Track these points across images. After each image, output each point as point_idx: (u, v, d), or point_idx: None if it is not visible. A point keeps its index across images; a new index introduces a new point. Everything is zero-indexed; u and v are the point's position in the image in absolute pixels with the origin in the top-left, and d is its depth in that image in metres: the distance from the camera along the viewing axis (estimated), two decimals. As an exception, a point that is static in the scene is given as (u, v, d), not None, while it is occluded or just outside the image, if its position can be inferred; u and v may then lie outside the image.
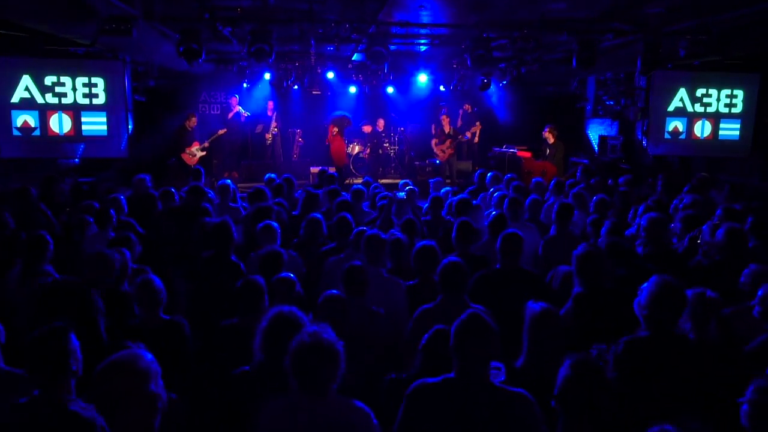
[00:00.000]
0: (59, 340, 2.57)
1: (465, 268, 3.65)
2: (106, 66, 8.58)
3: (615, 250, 4.35)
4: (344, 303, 3.53)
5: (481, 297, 3.84)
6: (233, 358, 3.32)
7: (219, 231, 4.59)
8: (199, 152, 11.14)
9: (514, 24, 7.07)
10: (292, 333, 2.77)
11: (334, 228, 5.44)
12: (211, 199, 6.75)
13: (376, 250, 4.30)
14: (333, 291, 3.64)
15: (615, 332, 3.40)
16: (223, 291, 4.39)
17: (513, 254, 4.27)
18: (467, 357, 2.54)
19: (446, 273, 3.62)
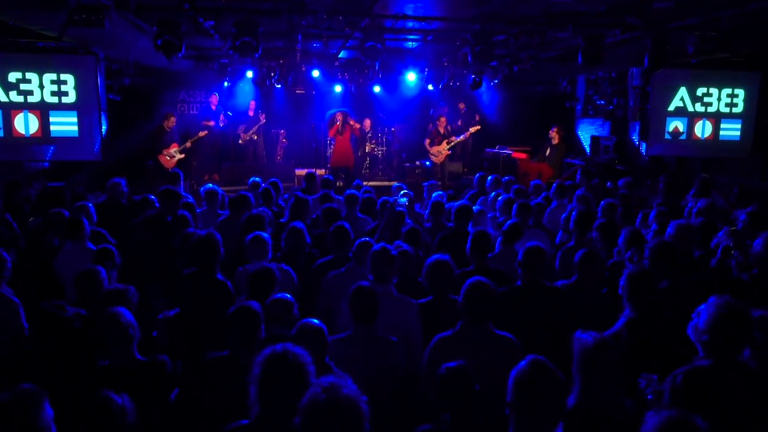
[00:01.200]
0: (28, 413, 1.99)
1: (494, 293, 3.18)
2: (77, 61, 7.93)
3: (665, 256, 3.88)
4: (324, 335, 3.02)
5: (504, 320, 3.38)
6: (224, 402, 2.81)
7: (204, 245, 4.06)
8: (178, 154, 10.51)
9: (517, 19, 6.64)
10: (294, 379, 2.35)
11: (332, 239, 4.94)
12: (191, 205, 6.18)
13: (386, 266, 3.81)
14: (312, 320, 3.10)
15: (665, 359, 2.99)
16: (208, 315, 3.87)
17: (537, 269, 3.81)
18: (535, 415, 2.06)
19: (472, 298, 3.14)
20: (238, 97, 13.45)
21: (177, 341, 3.87)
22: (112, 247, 4.35)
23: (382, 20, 6.57)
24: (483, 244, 4.46)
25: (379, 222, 5.86)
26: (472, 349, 3.00)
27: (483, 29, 6.59)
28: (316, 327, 2.98)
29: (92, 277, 3.70)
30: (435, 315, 3.81)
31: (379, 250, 3.83)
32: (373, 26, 6.40)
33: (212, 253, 4.06)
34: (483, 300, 3.11)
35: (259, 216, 5.58)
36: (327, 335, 2.99)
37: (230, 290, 4.04)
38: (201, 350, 3.39)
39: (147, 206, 6.43)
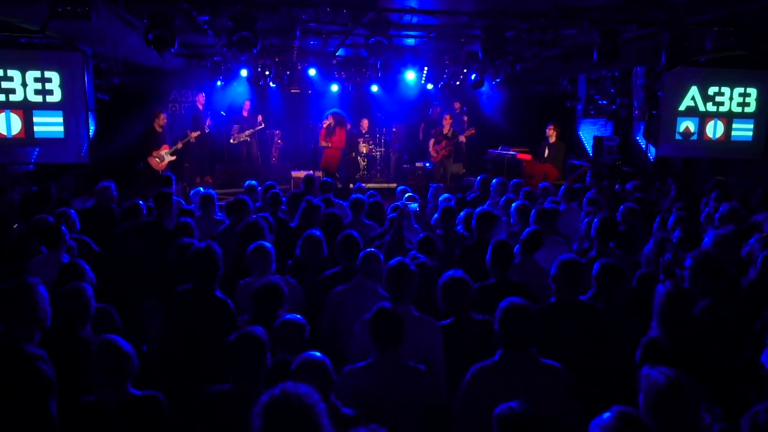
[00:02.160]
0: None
1: (533, 315, 2.80)
2: (62, 58, 7.48)
3: (709, 271, 3.51)
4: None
5: (543, 343, 3.01)
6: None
7: (202, 260, 3.65)
8: (169, 156, 10.05)
9: (530, 13, 6.28)
10: (303, 426, 2.01)
11: (340, 249, 4.54)
12: (191, 212, 5.76)
13: (405, 284, 3.42)
14: (313, 354, 2.72)
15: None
16: (206, 339, 3.47)
17: (575, 284, 3.44)
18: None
19: (510, 323, 2.76)
20: (232, 96, 13.01)
21: (172, 370, 3.47)
22: (82, 262, 3.91)
23: (388, 14, 6.19)
24: (505, 255, 4.09)
25: (387, 229, 5.47)
26: (516, 381, 2.63)
27: (495, 24, 6.22)
28: (317, 361, 2.60)
29: (76, 296, 3.28)
30: (457, 338, 3.44)
31: (396, 265, 3.44)
32: (378, 20, 6.01)
33: (211, 269, 3.66)
34: (525, 324, 2.74)
35: (257, 223, 5.17)
36: (331, 370, 2.61)
37: (231, 310, 3.64)
38: (199, 381, 3.00)
39: (136, 212, 6.00)
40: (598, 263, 3.69)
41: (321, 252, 4.88)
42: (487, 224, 5.20)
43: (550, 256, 5.24)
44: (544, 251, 5.03)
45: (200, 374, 3.27)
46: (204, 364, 3.36)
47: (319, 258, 4.88)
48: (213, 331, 3.46)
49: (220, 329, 3.42)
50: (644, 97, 12.82)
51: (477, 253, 5.13)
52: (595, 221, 5.07)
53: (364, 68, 13.04)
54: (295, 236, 5.57)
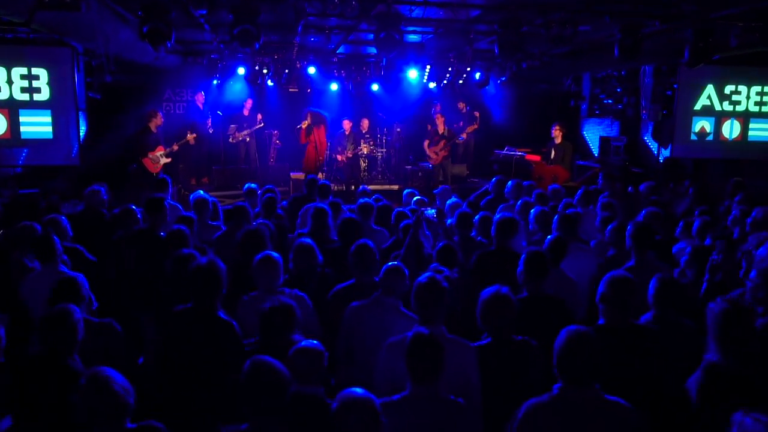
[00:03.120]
0: None
1: (601, 348, 2.41)
2: (51, 54, 7.07)
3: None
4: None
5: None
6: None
7: (204, 276, 3.25)
8: (164, 158, 9.62)
9: (549, 6, 5.92)
10: None
11: (354, 260, 4.15)
12: (189, 219, 5.35)
13: (437, 303, 3.05)
14: (355, 391, 2.34)
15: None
16: (208, 365, 3.09)
17: (628, 306, 3.06)
18: None
19: (574, 355, 2.36)
20: (228, 95, 12.58)
21: (171, 402, 3.07)
22: (80, 276, 3.51)
23: (399, 7, 5.80)
24: (540, 267, 3.71)
25: (399, 237, 5.09)
26: (577, 421, 2.26)
27: (512, 18, 5.86)
28: (365, 403, 2.22)
29: (61, 321, 2.88)
30: (495, 361, 3.07)
31: (427, 282, 3.06)
32: (389, 13, 5.63)
33: (214, 287, 3.26)
34: (591, 357, 2.36)
35: (259, 231, 4.77)
36: (380, 411, 2.22)
37: (237, 333, 3.24)
38: (204, 416, 2.61)
39: (129, 218, 5.59)
40: (655, 280, 3.32)
41: (315, 261, 4.49)
42: (509, 231, 4.82)
43: (574, 264, 4.89)
44: (568, 260, 4.68)
45: (204, 408, 2.88)
46: (208, 397, 2.97)
47: (314, 268, 4.49)
48: (217, 357, 3.07)
49: (225, 355, 3.04)
50: (652, 96, 12.56)
51: (496, 262, 4.79)
52: (628, 228, 4.70)
53: (364, 66, 12.67)
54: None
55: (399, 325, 3.57)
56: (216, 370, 3.08)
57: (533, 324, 3.38)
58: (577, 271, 4.83)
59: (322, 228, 5.51)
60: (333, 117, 13.28)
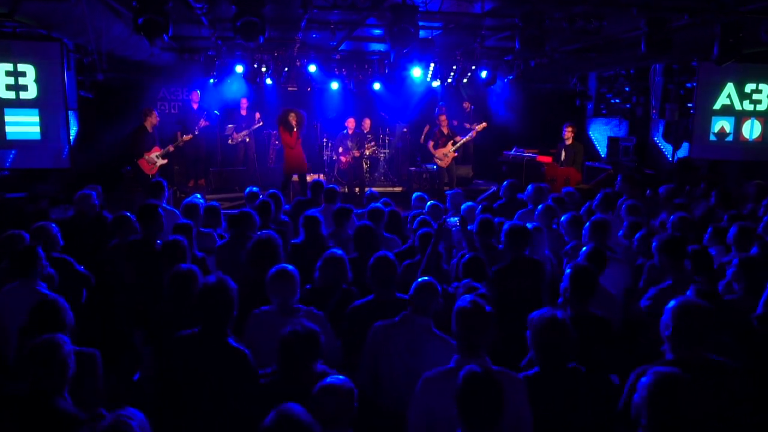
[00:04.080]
0: None
1: (696, 394, 2.02)
2: (38, 49, 6.61)
3: None
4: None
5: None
6: None
7: (213, 299, 2.83)
8: (160, 159, 9.16)
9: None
10: None
11: (374, 274, 3.76)
12: (188, 227, 4.92)
13: (482, 331, 2.65)
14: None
15: None
16: (219, 401, 2.67)
17: (701, 339, 2.65)
18: None
19: (672, 405, 1.97)
20: (225, 94, 12.14)
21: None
22: (60, 300, 3.08)
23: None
24: (589, 285, 3.33)
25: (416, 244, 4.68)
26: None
27: (535, 11, 5.47)
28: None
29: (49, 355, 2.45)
30: (546, 394, 2.68)
31: (470, 308, 2.66)
32: (404, 5, 5.23)
33: (224, 310, 2.85)
34: (686, 406, 1.96)
35: (272, 240, 4.36)
36: None
37: (251, 363, 2.82)
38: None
39: (123, 226, 5.16)
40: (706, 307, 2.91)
41: (344, 276, 4.11)
42: (521, 241, 4.43)
43: (607, 275, 4.50)
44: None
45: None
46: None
47: (340, 283, 4.12)
48: (228, 390, 2.67)
49: (238, 388, 2.64)
50: (663, 96, 12.22)
51: (514, 274, 4.40)
52: (657, 240, 4.32)
53: (366, 64, 12.26)
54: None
55: (432, 349, 3.19)
56: (227, 406, 2.67)
57: (580, 348, 3.01)
58: (611, 283, 4.46)
59: (316, 238, 5.12)
60: (333, 117, 12.87)
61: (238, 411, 2.69)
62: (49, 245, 4.78)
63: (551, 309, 2.82)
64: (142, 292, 4.30)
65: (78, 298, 4.85)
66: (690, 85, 11.31)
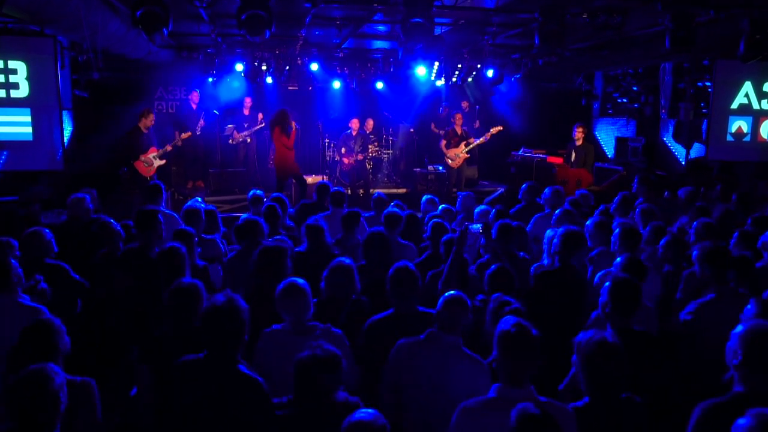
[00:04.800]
0: None
1: None
2: (30, 45, 6.29)
3: None
4: None
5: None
6: None
7: (222, 322, 2.53)
8: (158, 160, 8.83)
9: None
10: None
11: (393, 287, 3.46)
12: (188, 234, 4.60)
13: (527, 359, 2.35)
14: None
15: None
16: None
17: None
18: None
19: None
20: (224, 93, 11.81)
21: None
22: (56, 322, 2.77)
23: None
24: (633, 299, 3.05)
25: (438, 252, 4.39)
26: None
27: (556, 4, 5.18)
28: None
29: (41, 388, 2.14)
30: (598, 427, 2.38)
31: (516, 332, 2.35)
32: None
33: (235, 334, 2.54)
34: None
35: (280, 250, 4.06)
36: None
37: (265, 393, 2.51)
38: None
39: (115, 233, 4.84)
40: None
41: (353, 286, 3.83)
42: (573, 248, 4.16)
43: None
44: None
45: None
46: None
47: (350, 294, 3.83)
48: (240, 423, 2.36)
49: (250, 421, 2.33)
50: (673, 95, 11.96)
51: (556, 284, 4.13)
52: (702, 247, 4.03)
53: (369, 63, 11.96)
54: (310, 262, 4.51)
55: (462, 370, 2.91)
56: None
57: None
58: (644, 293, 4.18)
59: (320, 246, 4.82)
60: (336, 117, 12.56)
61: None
62: (43, 252, 4.49)
63: (599, 330, 2.53)
64: (138, 305, 3.99)
65: (73, 307, 4.57)
66: (701, 84, 11.07)
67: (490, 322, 3.12)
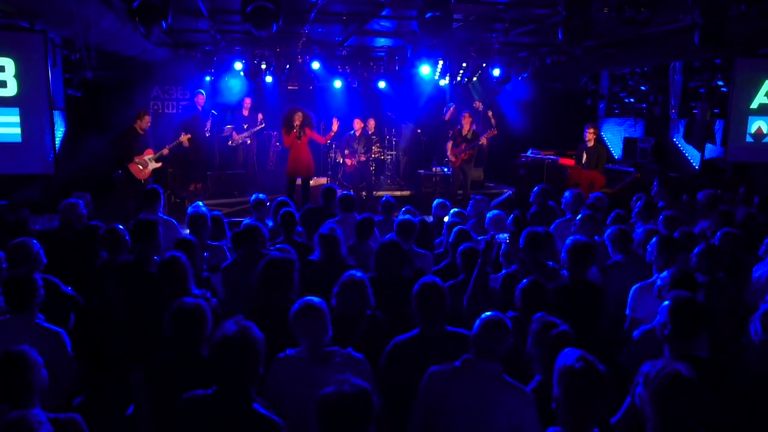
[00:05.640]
0: None
1: None
2: (18, 41, 5.90)
3: None
4: None
5: None
6: None
7: (233, 354, 2.18)
8: (153, 163, 8.45)
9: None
10: None
11: (419, 304, 3.13)
12: (190, 244, 4.25)
13: (595, 402, 2.01)
14: None
15: None
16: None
17: None
18: None
19: None
20: (223, 93, 11.44)
21: None
22: (30, 354, 2.41)
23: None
24: (698, 321, 2.71)
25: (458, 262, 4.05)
26: None
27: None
28: None
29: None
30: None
31: (581, 369, 2.01)
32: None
33: (249, 368, 2.19)
34: None
35: (287, 262, 3.72)
36: None
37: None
38: None
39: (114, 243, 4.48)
40: None
41: (367, 304, 3.50)
42: (587, 259, 3.83)
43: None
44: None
45: None
46: None
47: (364, 310, 3.51)
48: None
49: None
50: (682, 94, 11.67)
51: (574, 299, 3.79)
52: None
53: (371, 61, 11.63)
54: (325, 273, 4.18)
55: (507, 403, 2.58)
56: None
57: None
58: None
59: (334, 256, 4.47)
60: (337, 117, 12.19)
61: None
62: (30, 265, 4.12)
63: (669, 359, 2.19)
64: (137, 323, 3.64)
65: (65, 324, 4.22)
66: (714, 83, 10.79)
67: (532, 344, 2.78)
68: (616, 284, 4.06)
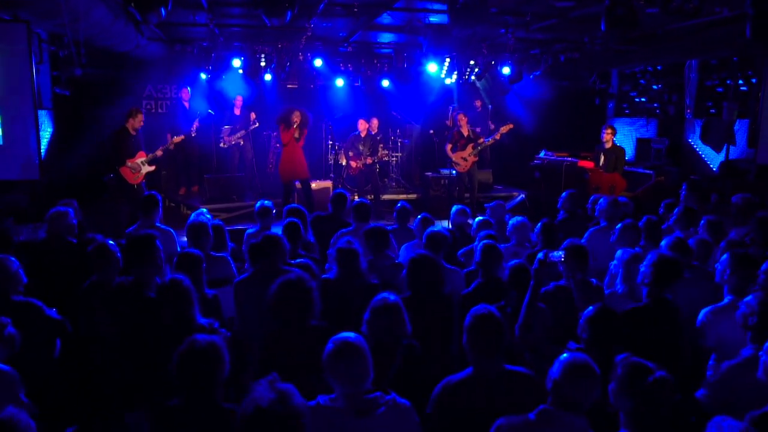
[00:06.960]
0: None
1: None
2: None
3: None
4: None
5: None
6: None
7: (269, 425, 1.67)
8: (146, 166, 7.88)
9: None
10: None
11: (473, 338, 2.65)
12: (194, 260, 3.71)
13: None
14: None
15: None
16: None
17: None
18: None
19: None
20: (220, 92, 10.88)
21: None
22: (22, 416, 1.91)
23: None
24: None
25: (515, 291, 3.55)
26: None
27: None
28: None
29: None
30: None
31: None
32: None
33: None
34: None
35: (306, 287, 3.21)
36: None
37: None
38: None
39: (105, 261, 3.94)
40: None
41: (404, 331, 3.02)
42: (672, 278, 3.36)
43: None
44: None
45: None
46: None
47: (400, 342, 3.02)
48: None
49: None
50: (697, 93, 11.26)
51: (650, 326, 3.32)
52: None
53: (375, 59, 11.11)
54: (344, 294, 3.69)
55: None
56: None
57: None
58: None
59: (354, 274, 3.97)
60: (339, 117, 11.69)
61: None
62: (8, 286, 3.60)
63: None
64: (133, 354, 3.12)
65: (51, 351, 3.70)
66: (731, 81, 10.39)
67: (619, 393, 2.28)
68: (686, 304, 3.58)
